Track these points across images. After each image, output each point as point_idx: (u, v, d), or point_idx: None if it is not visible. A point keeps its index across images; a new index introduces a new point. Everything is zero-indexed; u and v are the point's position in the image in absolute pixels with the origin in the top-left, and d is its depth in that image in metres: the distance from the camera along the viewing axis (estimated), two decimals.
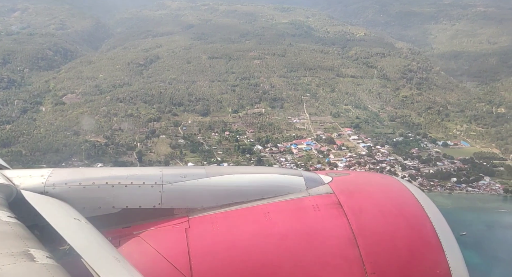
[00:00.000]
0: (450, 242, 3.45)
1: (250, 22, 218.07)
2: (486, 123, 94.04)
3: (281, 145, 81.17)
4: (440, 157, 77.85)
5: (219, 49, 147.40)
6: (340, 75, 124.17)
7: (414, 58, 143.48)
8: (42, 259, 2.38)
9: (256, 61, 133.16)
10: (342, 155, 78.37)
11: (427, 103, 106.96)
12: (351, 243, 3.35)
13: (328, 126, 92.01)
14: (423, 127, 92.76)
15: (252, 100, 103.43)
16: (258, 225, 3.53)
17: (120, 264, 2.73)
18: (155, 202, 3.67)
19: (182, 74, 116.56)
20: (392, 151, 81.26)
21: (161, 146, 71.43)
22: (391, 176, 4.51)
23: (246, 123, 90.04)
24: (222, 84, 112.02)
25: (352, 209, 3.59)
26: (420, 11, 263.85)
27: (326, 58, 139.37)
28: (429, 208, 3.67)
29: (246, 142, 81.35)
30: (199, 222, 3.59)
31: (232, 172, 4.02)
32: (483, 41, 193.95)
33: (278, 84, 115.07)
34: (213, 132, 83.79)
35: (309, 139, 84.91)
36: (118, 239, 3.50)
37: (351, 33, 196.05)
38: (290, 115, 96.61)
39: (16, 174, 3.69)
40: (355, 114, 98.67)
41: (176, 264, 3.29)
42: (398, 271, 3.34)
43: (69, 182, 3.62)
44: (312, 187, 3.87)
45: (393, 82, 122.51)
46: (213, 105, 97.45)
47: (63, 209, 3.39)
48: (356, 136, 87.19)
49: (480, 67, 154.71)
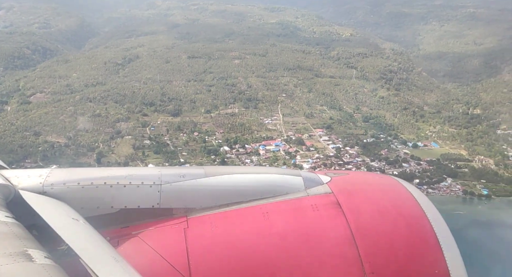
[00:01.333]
0: (449, 242, 3.44)
1: (237, 22, 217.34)
2: (459, 125, 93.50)
3: (249, 146, 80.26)
4: (407, 158, 77.23)
5: (200, 48, 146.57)
6: (319, 75, 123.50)
7: (396, 59, 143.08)
8: (40, 259, 2.39)
9: (236, 61, 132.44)
10: (310, 156, 77.56)
11: (403, 104, 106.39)
12: (350, 243, 3.35)
13: (300, 127, 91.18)
14: (395, 128, 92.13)
15: (226, 100, 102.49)
16: (257, 225, 3.52)
17: (119, 264, 2.71)
18: (154, 202, 3.66)
19: (158, 74, 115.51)
20: (361, 152, 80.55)
21: (123, 147, 70.36)
22: (390, 176, 4.44)
23: (217, 124, 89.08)
24: (198, 84, 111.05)
25: (350, 209, 3.59)
26: (411, 12, 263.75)
27: (307, 58, 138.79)
28: (428, 207, 3.65)
29: (214, 143, 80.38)
30: (197, 222, 3.58)
31: (231, 172, 3.99)
32: (469, 42, 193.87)
33: (255, 85, 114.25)
34: (182, 133, 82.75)
35: (279, 140, 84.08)
36: (117, 239, 3.49)
37: (337, 34, 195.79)
38: (263, 116, 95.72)
39: (14, 174, 3.68)
40: (329, 115, 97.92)
41: (175, 264, 3.27)
42: (397, 270, 3.32)
43: (68, 182, 3.60)
44: (311, 187, 3.88)
45: (372, 82, 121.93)
46: (186, 106, 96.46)
47: (62, 209, 3.37)
48: (327, 137, 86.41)
49: (463, 68, 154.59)
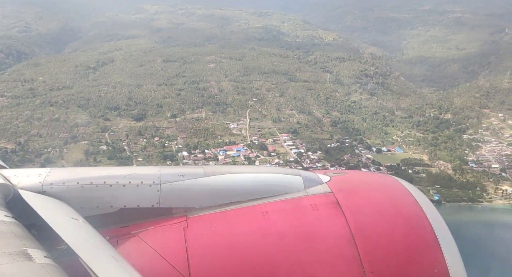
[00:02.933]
0: (448, 241, 3.42)
1: (222, 26, 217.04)
2: (427, 129, 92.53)
3: (209, 151, 78.90)
4: (368, 163, 76.08)
5: (177, 52, 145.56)
6: (293, 79, 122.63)
7: (373, 64, 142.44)
8: (39, 259, 2.38)
9: (211, 65, 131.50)
10: (269, 161, 76.27)
11: (374, 109, 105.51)
12: (349, 242, 3.34)
13: (265, 132, 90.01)
14: (362, 133, 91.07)
15: (195, 104, 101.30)
16: (256, 224, 3.50)
17: (118, 264, 2.70)
18: (153, 201, 3.63)
19: (129, 78, 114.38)
20: (323, 157, 79.36)
21: (74, 153, 68.74)
22: (390, 175, 4.34)
23: (181, 129, 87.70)
24: (169, 88, 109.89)
25: (350, 208, 3.56)
26: (399, 17, 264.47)
27: (283, 63, 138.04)
28: (427, 207, 3.63)
29: (174, 148, 78.95)
30: (197, 222, 3.55)
31: (231, 171, 3.95)
32: (451, 47, 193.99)
33: (227, 89, 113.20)
34: (142, 138, 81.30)
35: (241, 145, 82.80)
36: (116, 238, 3.45)
37: (319, 38, 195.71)
38: (230, 120, 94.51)
39: (13, 173, 3.64)
40: (298, 119, 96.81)
41: (174, 263, 3.25)
42: (396, 270, 3.31)
43: (67, 181, 3.57)
44: (311, 186, 3.84)
45: (346, 87, 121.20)
46: (152, 110, 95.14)
47: (61, 208, 3.35)
48: (291, 142, 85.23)
49: (442, 73, 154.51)
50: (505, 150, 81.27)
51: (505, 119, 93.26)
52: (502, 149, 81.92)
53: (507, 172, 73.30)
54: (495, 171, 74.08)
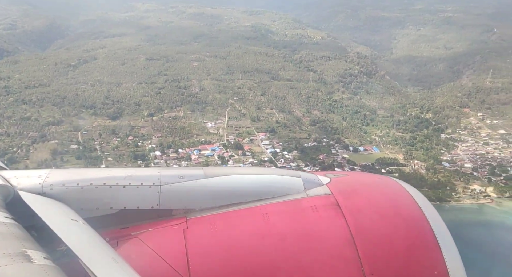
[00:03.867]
0: (448, 243, 3.43)
1: (211, 24, 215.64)
2: (406, 129, 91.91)
3: (183, 150, 77.80)
4: (343, 163, 75.34)
5: (161, 50, 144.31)
6: (275, 78, 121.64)
7: (359, 62, 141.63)
8: (39, 260, 2.40)
9: (194, 64, 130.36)
10: (243, 161, 75.33)
11: (355, 108, 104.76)
12: (349, 244, 3.35)
13: (243, 131, 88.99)
14: (340, 132, 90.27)
15: (174, 103, 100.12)
16: (256, 226, 3.51)
17: (118, 265, 2.72)
18: (153, 202, 3.64)
19: (110, 76, 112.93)
20: (298, 157, 78.51)
21: (41, 152, 67.43)
22: (389, 177, 4.32)
23: (156, 128, 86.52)
24: (149, 87, 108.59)
25: (350, 210, 3.57)
26: (390, 16, 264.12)
27: (268, 61, 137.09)
28: (427, 208, 3.64)
29: (147, 148, 77.78)
30: (197, 223, 3.56)
31: (231, 173, 3.97)
32: (440, 46, 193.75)
33: (208, 87, 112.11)
34: (116, 137, 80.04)
35: (217, 144, 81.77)
36: (116, 240, 3.46)
37: (308, 37, 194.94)
38: (208, 119, 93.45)
39: (13, 174, 3.65)
40: (277, 118, 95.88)
41: (174, 265, 3.26)
42: (396, 272, 3.32)
43: (67, 182, 3.58)
44: (310, 188, 3.85)
45: (329, 86, 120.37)
46: (129, 109, 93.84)
47: (61, 209, 3.35)
48: (268, 141, 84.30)
49: (428, 72, 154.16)
50: (480, 149, 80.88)
51: (484, 118, 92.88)
52: (477, 148, 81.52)
53: (478, 171, 72.90)
54: (467, 170, 73.69)
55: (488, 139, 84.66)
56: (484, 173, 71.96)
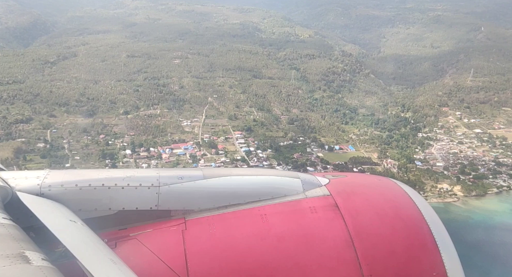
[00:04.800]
0: (447, 244, 3.44)
1: (199, 22, 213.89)
2: (384, 127, 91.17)
3: (155, 149, 76.40)
4: (316, 162, 74.40)
5: (144, 48, 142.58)
6: (257, 76, 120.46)
7: (343, 61, 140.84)
8: (37, 261, 2.40)
9: (176, 61, 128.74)
10: (216, 160, 74.17)
11: (335, 106, 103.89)
12: (348, 245, 3.36)
13: (219, 129, 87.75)
14: (317, 131, 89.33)
15: (151, 101, 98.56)
16: (255, 227, 3.51)
17: (116, 266, 2.72)
18: (152, 203, 3.63)
19: (88, 73, 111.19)
20: (272, 156, 77.46)
21: (2, 151, 65.38)
22: (388, 178, 4.33)
23: (130, 126, 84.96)
24: (127, 84, 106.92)
25: (349, 211, 3.57)
26: (380, 14, 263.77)
27: (251, 59, 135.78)
28: (426, 210, 3.64)
29: (118, 146, 76.26)
30: (196, 224, 3.57)
31: (229, 174, 3.97)
32: (427, 45, 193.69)
33: (188, 85, 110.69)
34: (87, 136, 78.41)
35: (190, 143, 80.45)
36: (115, 240, 3.47)
37: (295, 35, 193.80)
38: (185, 118, 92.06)
39: (11, 175, 3.63)
40: (255, 117, 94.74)
41: (173, 265, 3.27)
42: (395, 273, 3.32)
43: (65, 183, 3.57)
44: (309, 189, 3.86)
45: (311, 84, 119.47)
46: (104, 106, 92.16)
47: (59, 210, 3.35)
48: (243, 140, 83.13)
49: (413, 71, 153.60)
50: (454, 148, 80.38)
51: (462, 117, 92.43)
52: (451, 147, 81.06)
53: (449, 170, 72.34)
54: (438, 169, 73.11)
55: (463, 138, 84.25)
56: (455, 172, 71.52)
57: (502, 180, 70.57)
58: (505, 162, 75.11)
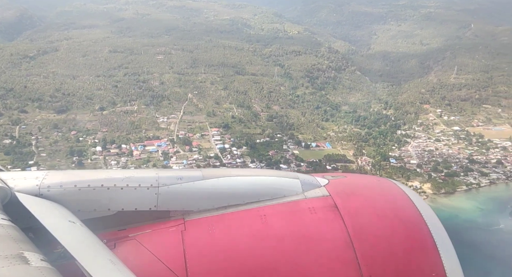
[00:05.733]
0: (446, 245, 3.44)
1: (188, 17, 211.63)
2: (364, 125, 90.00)
3: (127, 146, 74.85)
4: (291, 159, 73.16)
5: (128, 43, 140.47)
6: (240, 73, 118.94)
7: (329, 57, 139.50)
8: (36, 262, 2.41)
9: (159, 57, 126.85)
10: (188, 157, 72.80)
11: (317, 103, 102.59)
12: (347, 246, 3.35)
13: (196, 126, 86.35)
14: (296, 128, 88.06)
15: (129, 97, 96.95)
16: (255, 227, 3.51)
17: (115, 267, 2.72)
18: (151, 204, 3.63)
19: (67, 68, 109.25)
20: (247, 153, 76.16)
21: None
22: (387, 179, 4.34)
23: (105, 122, 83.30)
24: (106, 80, 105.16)
25: (348, 211, 3.57)
26: (372, 11, 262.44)
27: (236, 55, 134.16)
28: (425, 210, 3.65)
29: (88, 143, 74.64)
30: (195, 225, 3.57)
31: (229, 174, 3.96)
32: (416, 42, 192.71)
33: (169, 81, 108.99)
34: (57, 132, 76.69)
35: (164, 139, 78.98)
36: (114, 241, 3.47)
37: (284, 31, 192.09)
38: (162, 114, 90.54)
39: (10, 176, 3.62)
40: (234, 113, 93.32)
41: (172, 266, 3.26)
42: (394, 273, 3.32)
43: (64, 184, 3.56)
44: (309, 189, 3.86)
45: (294, 81, 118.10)
46: (79, 102, 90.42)
47: (58, 211, 3.36)
48: (219, 137, 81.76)
49: (400, 68, 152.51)
50: (430, 146, 79.42)
51: (442, 115, 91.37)
52: (427, 144, 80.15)
53: (423, 167, 71.44)
54: (411, 167, 72.19)
55: (441, 135, 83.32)
56: (428, 169, 70.62)
57: (473, 177, 69.95)
58: (479, 160, 74.43)
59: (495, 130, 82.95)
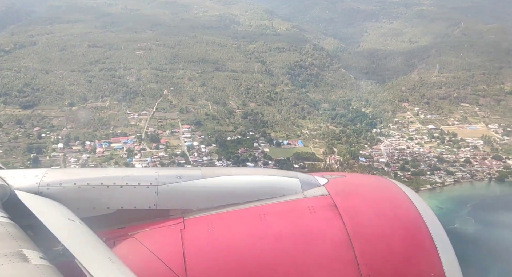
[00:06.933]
0: (444, 244, 3.45)
1: (178, 13, 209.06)
2: (340, 123, 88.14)
3: (91, 142, 72.74)
4: (259, 157, 71.30)
5: (109, 38, 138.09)
6: (220, 69, 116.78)
7: (313, 54, 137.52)
8: (35, 260, 2.41)
9: (139, 52, 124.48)
10: (154, 155, 70.82)
11: (295, 100, 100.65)
12: (346, 245, 3.35)
13: (167, 123, 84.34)
14: (270, 126, 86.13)
15: (102, 93, 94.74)
16: (254, 226, 3.51)
17: (115, 265, 2.72)
18: (150, 202, 3.64)
19: (41, 62, 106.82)
20: (216, 151, 74.24)
21: None
22: (387, 178, 4.33)
23: (72, 119, 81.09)
24: (80, 75, 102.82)
25: (347, 211, 3.57)
26: (365, 8, 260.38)
27: (218, 51, 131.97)
28: (424, 210, 3.64)
29: (52, 139, 72.49)
30: (194, 223, 3.56)
31: (228, 173, 3.97)
32: (405, 40, 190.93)
33: (146, 77, 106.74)
34: (20, 128, 74.45)
35: (132, 136, 76.94)
36: (113, 240, 3.47)
37: (272, 28, 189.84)
38: (134, 111, 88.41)
39: (10, 174, 3.62)
40: (209, 110, 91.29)
41: (171, 265, 3.26)
42: (393, 273, 3.33)
43: (64, 182, 3.56)
44: (308, 188, 3.85)
45: (274, 77, 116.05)
46: (49, 98, 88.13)
47: (57, 209, 3.35)
48: (189, 134, 79.77)
49: (386, 65, 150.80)
50: (402, 144, 77.79)
51: (419, 113, 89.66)
52: (400, 143, 78.55)
53: (390, 166, 69.82)
54: (380, 165, 70.61)
55: (415, 134, 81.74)
56: (395, 168, 69.06)
57: (438, 176, 68.74)
58: (448, 158, 73.03)
59: (470, 129, 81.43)
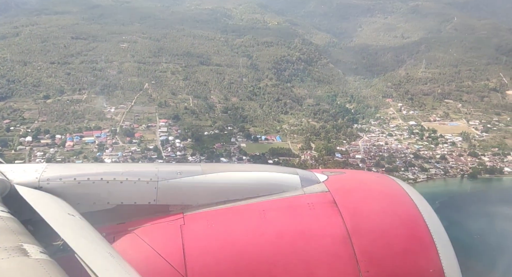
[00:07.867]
0: (444, 241, 3.46)
1: (169, 6, 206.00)
2: (322, 118, 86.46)
3: (62, 136, 70.84)
4: (234, 152, 69.67)
5: (95, 30, 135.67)
6: (205, 63, 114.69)
7: (301, 49, 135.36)
8: (35, 254, 2.41)
9: (123, 45, 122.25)
10: (126, 149, 69.06)
11: (278, 95, 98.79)
12: (346, 242, 3.36)
13: (144, 117, 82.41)
14: (249, 121, 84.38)
15: (80, 85, 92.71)
16: (253, 222, 3.52)
17: (114, 260, 2.72)
18: (150, 198, 3.64)
19: (20, 54, 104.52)
20: (191, 146, 72.51)
21: None
22: (387, 175, 4.31)
23: (45, 111, 79.09)
24: (60, 67, 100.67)
25: (347, 207, 3.57)
26: (361, 3, 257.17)
27: (204, 45, 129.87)
28: (423, 207, 3.66)
29: (21, 132, 70.52)
30: (194, 219, 3.57)
31: (228, 170, 3.96)
32: (398, 35, 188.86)
33: (127, 70, 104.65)
34: None
35: (106, 130, 75.05)
36: (113, 235, 3.48)
37: (264, 22, 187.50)
38: (111, 104, 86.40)
39: (10, 168, 3.61)
40: (189, 104, 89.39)
41: (171, 260, 3.27)
42: (392, 269, 3.34)
43: (64, 177, 3.55)
44: (308, 185, 3.85)
45: (260, 72, 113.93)
46: (23, 90, 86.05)
47: (57, 204, 3.35)
48: (165, 128, 77.95)
49: (376, 61, 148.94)
50: (381, 140, 76.29)
51: (401, 109, 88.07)
52: (378, 139, 77.02)
53: (366, 162, 68.44)
54: (355, 162, 69.22)
55: (395, 130, 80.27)
56: (370, 164, 67.68)
57: (412, 173, 67.56)
58: (424, 155, 71.68)
59: (450, 126, 79.93)
